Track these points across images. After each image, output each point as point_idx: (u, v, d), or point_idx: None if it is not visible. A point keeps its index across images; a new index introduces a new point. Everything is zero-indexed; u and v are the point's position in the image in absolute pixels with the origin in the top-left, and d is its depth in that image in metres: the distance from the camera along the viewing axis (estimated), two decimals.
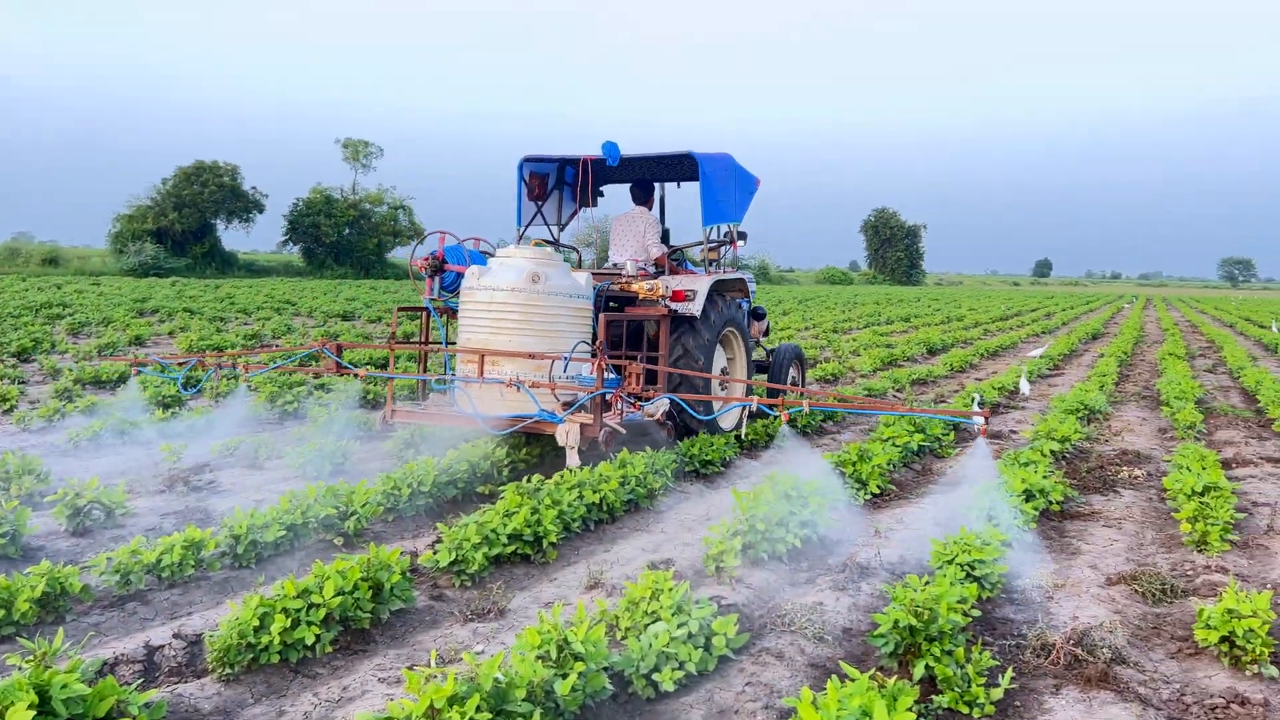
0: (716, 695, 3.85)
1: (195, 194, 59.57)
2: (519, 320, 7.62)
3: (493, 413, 7.30)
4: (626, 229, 9.52)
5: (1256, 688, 4.10)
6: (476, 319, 7.79)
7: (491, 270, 7.81)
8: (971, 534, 5.31)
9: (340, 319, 25.61)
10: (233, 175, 61.90)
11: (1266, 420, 11.69)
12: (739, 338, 9.68)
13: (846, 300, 48.80)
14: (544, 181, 9.89)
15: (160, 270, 53.54)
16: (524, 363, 7.37)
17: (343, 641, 4.28)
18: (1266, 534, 6.61)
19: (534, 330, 7.62)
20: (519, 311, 7.61)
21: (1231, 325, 38.04)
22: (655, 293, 8.39)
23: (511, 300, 7.61)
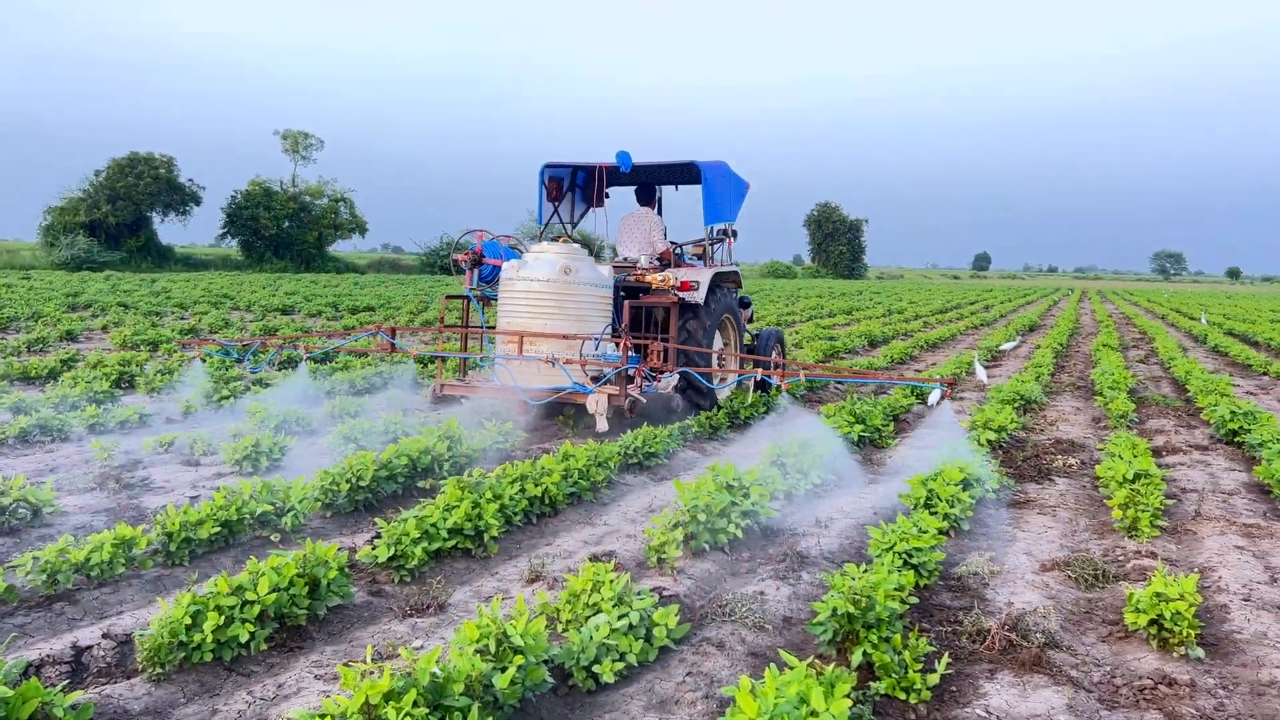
0: (657, 686, 3.85)
1: (130, 186, 58.27)
2: (553, 306, 8.99)
3: (531, 385, 8.66)
4: (634, 227, 10.87)
5: (1183, 669, 4.21)
6: (516, 305, 9.15)
7: (529, 263, 9.14)
8: (909, 522, 5.37)
9: (280, 313, 25.23)
10: (168, 167, 60.65)
11: (1195, 409, 11.99)
12: (733, 323, 10.92)
13: (790, 294, 49.18)
14: (560, 185, 11.13)
15: (94, 264, 52.29)
16: (558, 343, 8.74)
17: (279, 639, 4.21)
18: (1194, 519, 6.78)
19: (566, 315, 8.98)
20: (553, 299, 8.99)
21: (1163, 317, 39.02)
22: (667, 283, 9.62)
23: (547, 289, 8.99)
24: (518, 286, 9.15)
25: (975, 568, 5.48)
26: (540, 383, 8.75)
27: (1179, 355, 17.98)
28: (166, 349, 14.94)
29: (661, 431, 8.17)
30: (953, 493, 6.36)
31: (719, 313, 10.20)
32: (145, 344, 15.54)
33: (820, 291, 54.49)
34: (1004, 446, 9.20)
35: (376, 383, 11.77)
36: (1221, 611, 4.91)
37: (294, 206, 66.63)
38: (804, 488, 7.24)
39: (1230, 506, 7.16)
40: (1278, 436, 8.53)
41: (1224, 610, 4.92)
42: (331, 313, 25.59)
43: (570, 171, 11.15)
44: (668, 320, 9.98)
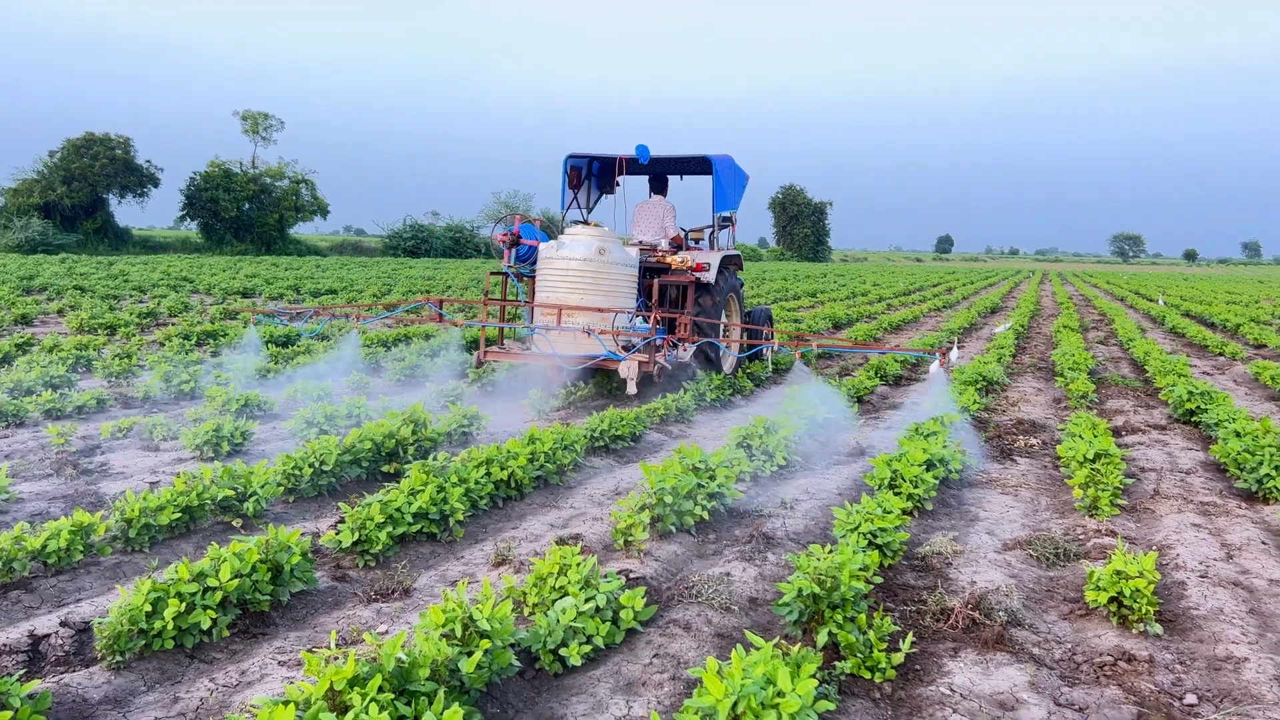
0: (624, 668, 3.85)
1: (86, 167, 57.24)
2: (589, 283, 9.99)
3: (568, 353, 9.71)
4: (648, 213, 11.88)
5: (1142, 645, 4.27)
6: (554, 282, 10.13)
7: (566, 244, 10.11)
8: (873, 502, 5.40)
9: (241, 296, 24.93)
10: (125, 148, 59.62)
11: (1154, 390, 12.17)
12: (736, 300, 12.16)
13: (755, 276, 49.28)
14: (579, 173, 12.10)
15: (49, 247, 51.34)
16: (592, 315, 9.81)
17: (241, 625, 4.16)
18: (1153, 498, 6.88)
19: (600, 291, 10.01)
20: (589, 277, 9.98)
21: (1122, 299, 39.54)
22: (685, 264, 10.68)
23: (584, 268, 9.96)
24: (556, 265, 10.13)
25: (939, 547, 5.53)
26: (576, 350, 9.76)
27: (1138, 336, 18.23)
28: (125, 332, 14.70)
29: (628, 414, 8.17)
30: (916, 473, 6.41)
31: (726, 291, 11.41)
32: (103, 328, 15.29)
33: (785, 274, 54.65)
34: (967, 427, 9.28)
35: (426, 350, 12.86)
36: (1179, 588, 4.99)
37: (254, 188, 65.77)
38: (770, 469, 7.28)
39: (1187, 485, 7.28)
40: (1233, 416, 8.66)
41: (1181, 587, 5.00)
42: (293, 295, 25.32)
43: (587, 161, 12.07)
44: (680, 297, 11.20)
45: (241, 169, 66.91)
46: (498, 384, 10.69)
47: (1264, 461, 6.95)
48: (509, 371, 10.68)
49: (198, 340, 14.06)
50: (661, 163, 11.96)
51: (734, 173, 11.75)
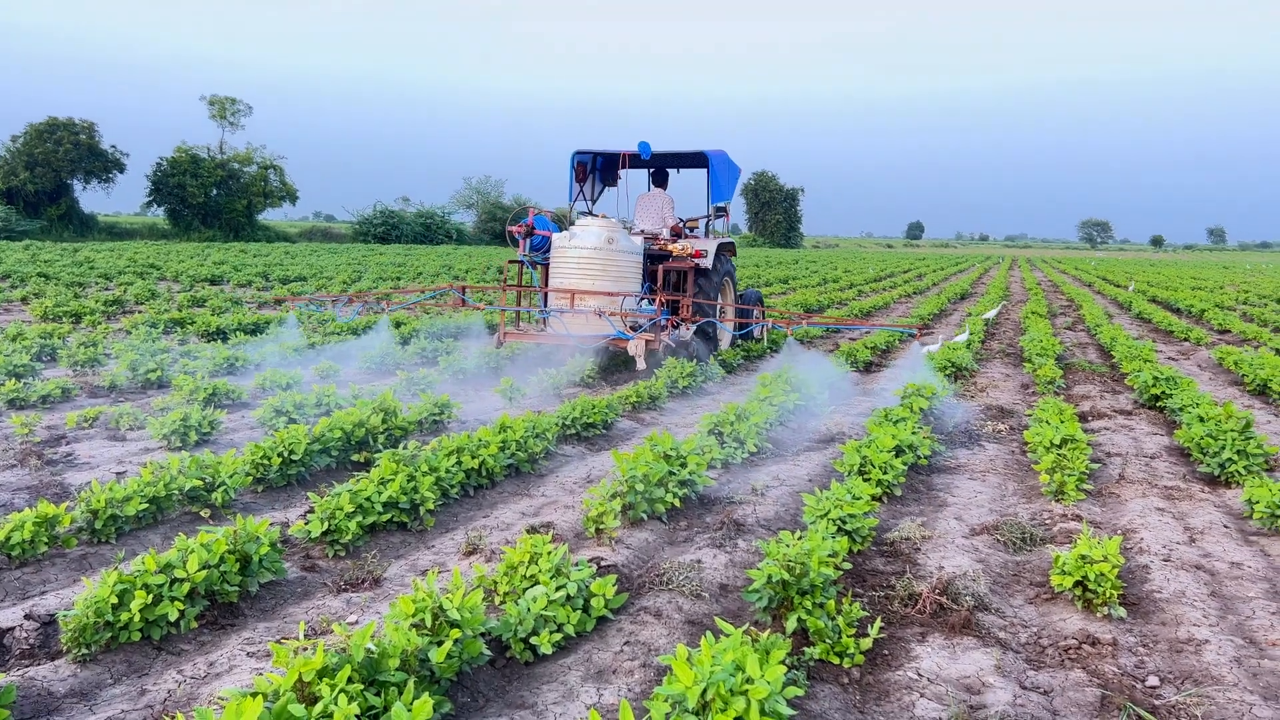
0: (595, 655, 3.86)
1: (49, 152, 56.36)
2: (599, 270, 10.97)
3: (581, 333, 10.77)
4: (649, 204, 12.87)
5: (1106, 628, 4.33)
6: (567, 268, 11.11)
7: (577, 234, 11.04)
8: (843, 489, 5.44)
9: (209, 283, 24.68)
10: (90, 133, 58.74)
11: (1120, 375, 12.31)
12: (730, 284, 13.13)
13: None
14: (584, 168, 13.00)
15: (11, 233, 50.56)
16: (603, 298, 10.79)
17: (209, 616, 4.14)
18: (1118, 483, 6.97)
19: (609, 277, 10.99)
20: (599, 264, 10.96)
21: (1090, 284, 39.93)
22: (685, 251, 11.67)
23: (594, 256, 10.94)
24: (569, 253, 11.07)
25: (907, 533, 5.57)
26: (589, 331, 10.78)
27: (1105, 322, 18.43)
28: (90, 320, 14.52)
29: (599, 402, 8.16)
30: (885, 459, 6.45)
31: (721, 275, 12.40)
32: (68, 316, 15.09)
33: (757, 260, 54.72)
34: (935, 413, 9.35)
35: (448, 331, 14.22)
36: (1143, 572, 5.07)
37: (222, 174, 65.01)
38: (741, 456, 7.30)
39: (1152, 470, 7.37)
40: (1196, 401, 8.78)
41: (1145, 571, 5.07)
42: (262, 283, 25.09)
43: (592, 156, 13.02)
44: (681, 281, 12.06)
45: (209, 154, 66.10)
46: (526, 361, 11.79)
47: (1226, 446, 7.06)
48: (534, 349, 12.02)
49: (165, 328, 13.92)
50: (661, 158, 12.91)
51: (728, 166, 12.74)
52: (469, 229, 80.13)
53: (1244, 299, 29.72)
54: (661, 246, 11.89)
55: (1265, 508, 5.77)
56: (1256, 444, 7.09)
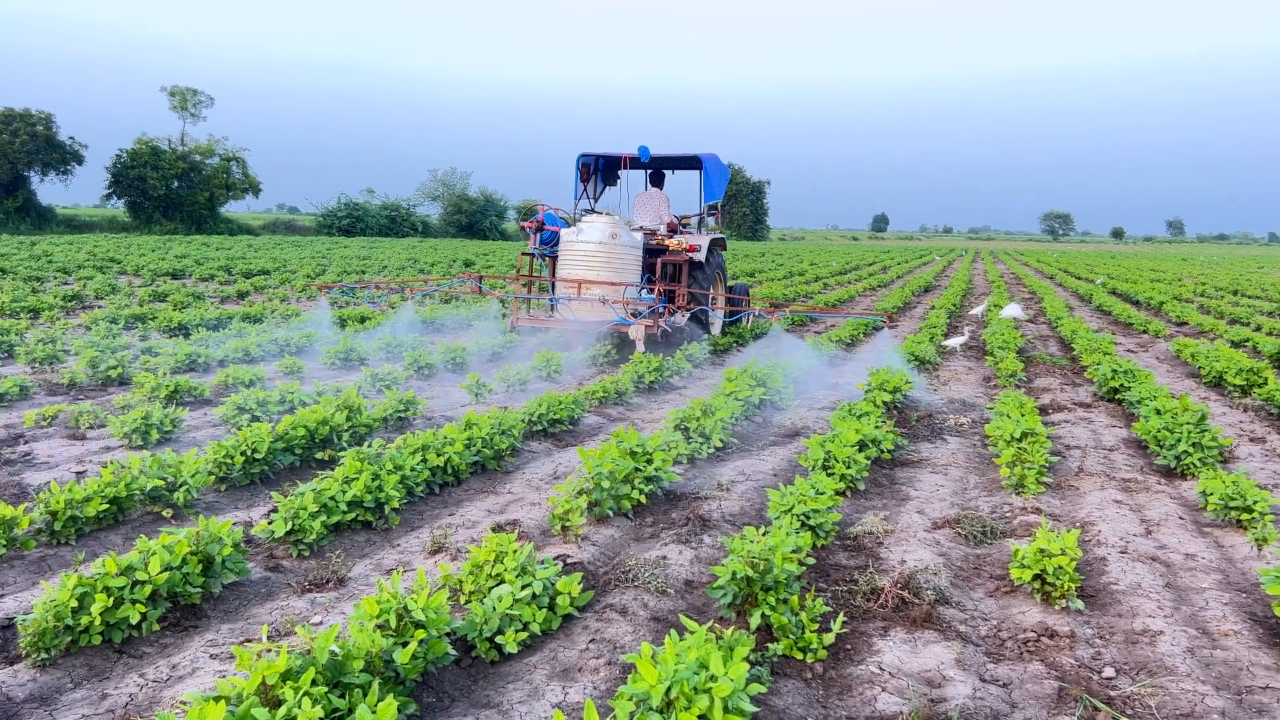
0: (560, 654, 3.88)
1: (4, 144, 55.32)
2: (604, 262, 12.12)
3: (587, 319, 11.99)
4: (647, 203, 14.10)
5: (1064, 620, 4.41)
6: (575, 261, 12.25)
7: (584, 230, 12.22)
8: (807, 484, 5.49)
9: (170, 277, 24.38)
10: (47, 124, 57.73)
11: (1080, 367, 12.48)
12: (721, 276, 14.40)
13: None
14: (588, 169, 14.16)
15: None
16: (607, 288, 11.94)
17: (171, 618, 4.11)
18: (1077, 475, 7.07)
19: (613, 268, 12.13)
20: (604, 257, 12.12)
21: (1051, 277, 40.38)
22: (681, 246, 12.83)
23: (599, 249, 12.11)
24: (576, 247, 12.23)
25: (870, 527, 5.63)
26: (594, 317, 11.97)
27: (1066, 315, 18.65)
28: (49, 316, 14.31)
29: (566, 398, 8.16)
30: (849, 454, 6.51)
31: (713, 268, 13.67)
32: (25, 311, 14.86)
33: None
34: (898, 407, 9.45)
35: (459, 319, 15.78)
36: (1100, 564, 5.15)
37: (183, 166, 64.11)
38: (707, 451, 7.34)
39: (1110, 462, 7.49)
40: (1154, 394, 8.92)
41: (1103, 563, 5.16)
42: (225, 276, 24.83)
43: (594, 159, 14.17)
44: (676, 273, 13.18)
45: (170, 146, 65.15)
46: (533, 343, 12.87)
47: (1182, 439, 7.18)
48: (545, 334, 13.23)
49: (126, 324, 13.75)
50: (659, 160, 14.12)
51: (719, 168, 13.95)
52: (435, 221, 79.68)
53: (1201, 291, 30.18)
54: (659, 241, 12.99)
55: (1219, 499, 5.88)
56: (1211, 436, 7.23)
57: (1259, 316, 20.20)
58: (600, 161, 14.37)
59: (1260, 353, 14.01)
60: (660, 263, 12.63)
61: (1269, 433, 8.77)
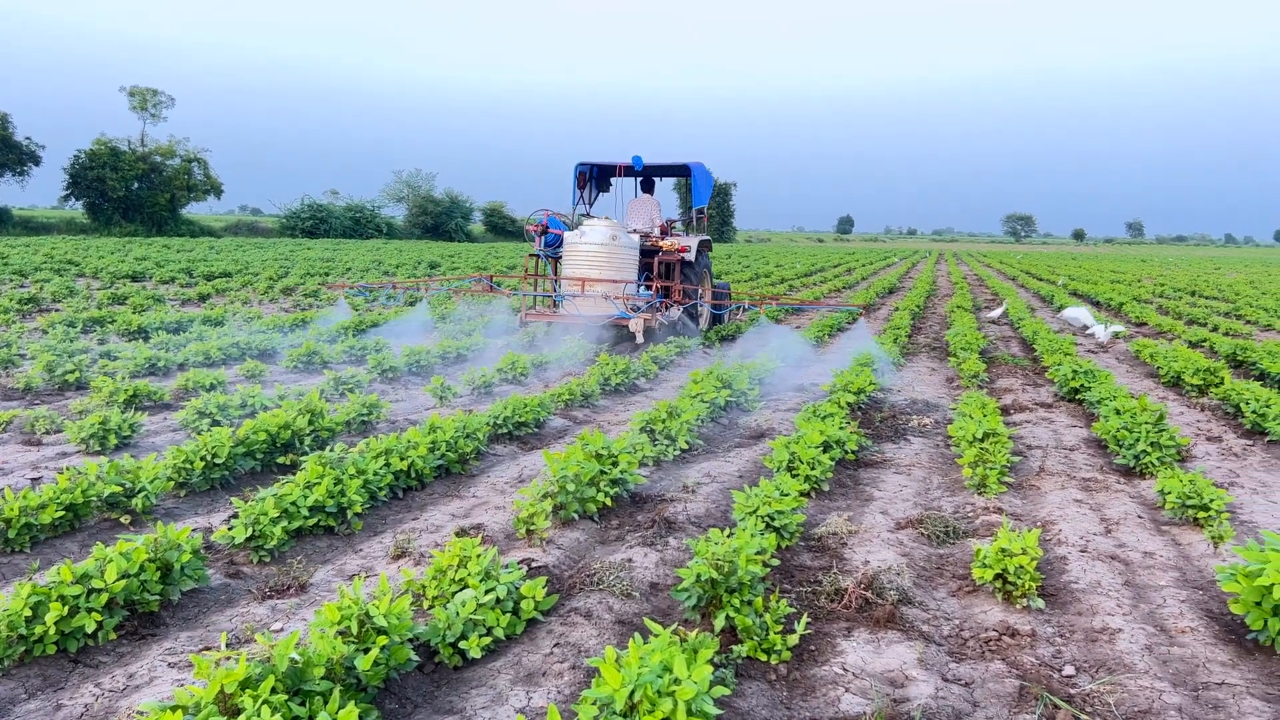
0: (524, 658, 3.86)
1: None
2: (605, 262, 13.41)
3: (590, 314, 13.20)
4: (639, 208, 15.52)
5: (1025, 619, 4.45)
6: (578, 261, 13.53)
7: (586, 233, 13.48)
8: (772, 485, 5.50)
9: (130, 280, 24.06)
10: (2, 124, 56.86)
11: (1041, 368, 12.62)
12: (709, 275, 15.65)
13: None
14: (585, 176, 15.45)
15: None
16: (608, 285, 13.21)
17: (129, 627, 4.05)
18: (1038, 475, 7.14)
19: (613, 268, 13.43)
20: (604, 257, 13.41)
21: (1014, 278, 40.80)
22: (673, 247, 14.18)
23: (600, 250, 13.39)
24: (579, 248, 13.52)
25: (835, 528, 5.66)
26: (597, 312, 13.23)
27: (1027, 316, 18.84)
28: (4, 320, 14.07)
29: (531, 400, 8.14)
30: (813, 455, 6.54)
31: (702, 267, 14.99)
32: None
33: None
34: (862, 408, 9.50)
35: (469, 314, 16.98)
36: (1061, 563, 5.21)
37: (144, 167, 63.29)
38: (672, 453, 7.34)
39: (1071, 461, 7.58)
40: (1113, 394, 9.04)
41: (1063, 562, 5.21)
42: (185, 279, 24.54)
43: (589, 167, 15.36)
44: (668, 272, 14.43)
45: (130, 147, 64.29)
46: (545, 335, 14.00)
47: (1140, 438, 7.28)
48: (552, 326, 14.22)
49: (84, 327, 13.55)
50: (651, 169, 15.42)
51: (705, 176, 15.34)
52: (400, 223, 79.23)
53: (1160, 292, 30.64)
54: (653, 243, 14.44)
55: (1176, 498, 5.96)
56: (1169, 436, 7.33)
57: (1215, 317, 20.52)
58: (595, 170, 15.48)
59: (1217, 353, 14.23)
60: (657, 262, 14.14)
61: (1225, 431, 8.91)
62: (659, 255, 14.24)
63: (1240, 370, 12.94)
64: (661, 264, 14.37)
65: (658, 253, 14.30)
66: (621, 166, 15.10)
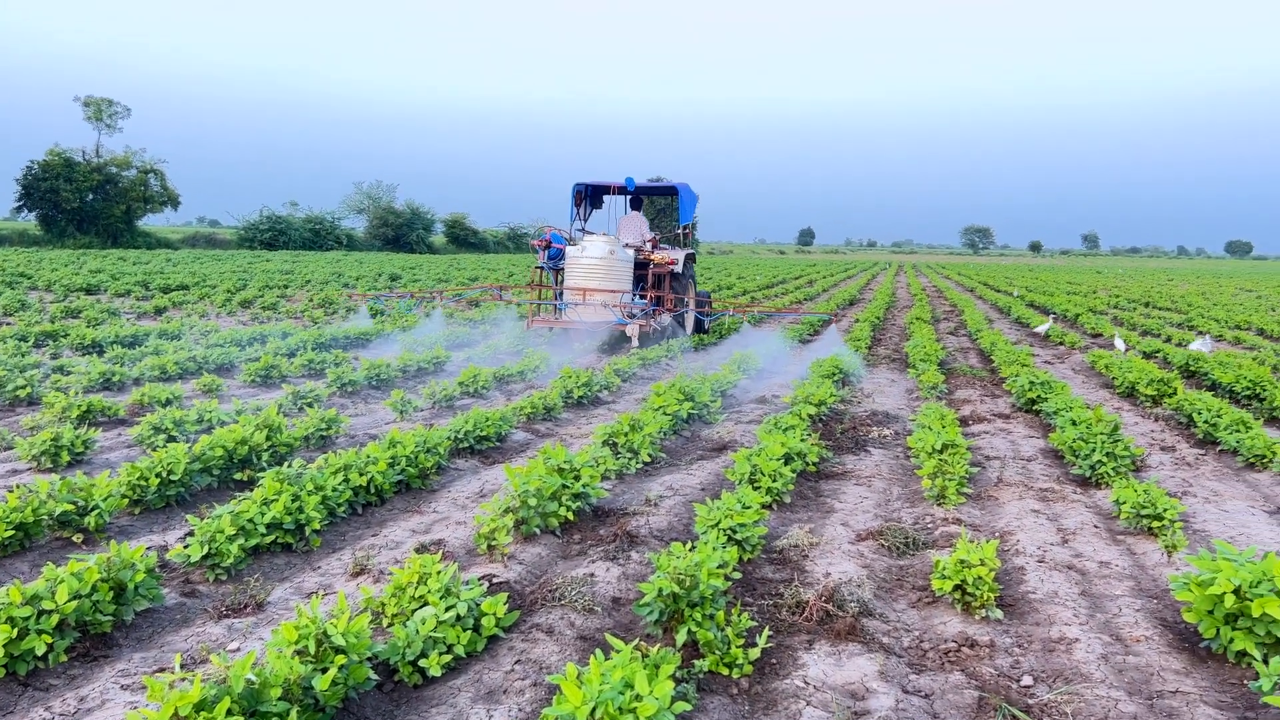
0: (485, 676, 3.83)
1: None
2: (604, 273, 14.89)
3: (590, 320, 14.72)
4: (630, 224, 16.89)
5: (984, 630, 4.49)
6: (580, 273, 15.03)
7: (587, 248, 15.04)
8: (733, 498, 5.51)
9: (84, 293, 23.68)
10: None
11: (999, 379, 12.76)
12: (693, 284, 17.23)
13: None
14: (581, 194, 17.18)
15: None
16: (606, 294, 14.76)
17: (81, 648, 3.97)
18: (997, 485, 7.22)
19: (611, 278, 14.90)
20: (603, 269, 14.90)
21: (972, 290, 41.27)
22: (664, 260, 15.82)
23: (599, 263, 14.90)
24: (581, 261, 15.03)
25: (796, 540, 5.68)
26: (597, 318, 14.77)
27: (985, 327, 19.07)
28: None
29: (493, 414, 8.10)
30: (775, 467, 6.56)
31: (688, 278, 16.70)
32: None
33: None
34: (823, 420, 9.56)
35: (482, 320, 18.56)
36: (1019, 573, 5.26)
37: (99, 178, 62.36)
38: (635, 466, 7.34)
39: (1028, 472, 7.66)
40: (1069, 405, 9.16)
41: (1021, 572, 5.27)
42: (142, 291, 24.18)
43: (586, 187, 17.07)
44: (659, 282, 16.04)
45: (84, 158, 63.31)
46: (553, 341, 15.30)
47: (1096, 448, 7.38)
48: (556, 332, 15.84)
49: (36, 341, 13.32)
50: (642, 189, 17.27)
51: (690, 195, 17.01)
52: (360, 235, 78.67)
53: (1115, 303, 31.12)
54: (645, 256, 15.84)
55: (1131, 508, 6.05)
56: (1124, 446, 7.44)
57: (1169, 328, 20.88)
58: (590, 189, 17.20)
59: (1170, 363, 14.48)
60: (650, 273, 15.74)
61: (1178, 441, 9.05)
62: (651, 267, 15.73)
63: (1193, 381, 13.18)
64: (653, 275, 15.94)
65: (649, 265, 15.74)
66: (615, 187, 16.73)
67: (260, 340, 14.01)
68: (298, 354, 12.19)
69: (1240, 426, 8.51)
